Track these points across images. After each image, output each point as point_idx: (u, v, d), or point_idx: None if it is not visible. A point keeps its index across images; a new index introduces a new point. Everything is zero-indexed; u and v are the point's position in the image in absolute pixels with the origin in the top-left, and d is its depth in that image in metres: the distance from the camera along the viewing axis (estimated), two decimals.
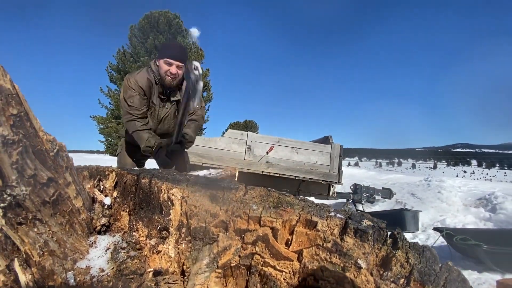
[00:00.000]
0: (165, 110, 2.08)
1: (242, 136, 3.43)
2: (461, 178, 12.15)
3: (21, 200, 0.68)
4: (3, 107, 0.63)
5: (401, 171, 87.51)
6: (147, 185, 0.85)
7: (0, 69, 0.64)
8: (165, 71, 1.95)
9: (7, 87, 0.64)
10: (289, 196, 0.80)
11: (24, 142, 0.67)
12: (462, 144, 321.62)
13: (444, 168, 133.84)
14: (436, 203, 4.55)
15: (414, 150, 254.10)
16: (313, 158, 3.48)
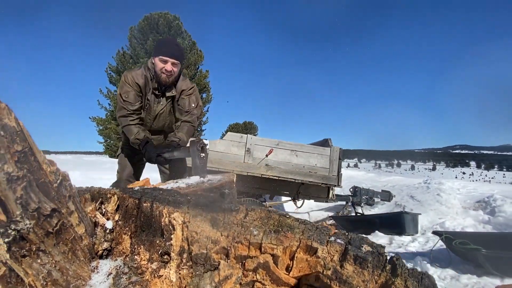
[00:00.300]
0: (160, 107, 2.10)
1: (241, 139, 3.43)
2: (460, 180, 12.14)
3: (25, 234, 0.69)
4: (8, 145, 0.64)
5: (400, 173, 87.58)
6: (148, 208, 0.85)
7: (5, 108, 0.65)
8: (160, 68, 1.97)
9: (12, 125, 0.66)
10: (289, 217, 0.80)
11: (28, 176, 0.69)
12: (461, 146, 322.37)
13: (443, 170, 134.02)
14: (435, 206, 4.55)
15: (413, 151, 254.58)
16: (313, 161, 3.48)
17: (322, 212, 5.18)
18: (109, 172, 4.57)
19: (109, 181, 4.25)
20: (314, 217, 5.08)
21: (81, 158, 5.58)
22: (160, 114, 2.12)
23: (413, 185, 5.70)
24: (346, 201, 4.50)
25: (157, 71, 1.99)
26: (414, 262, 2.65)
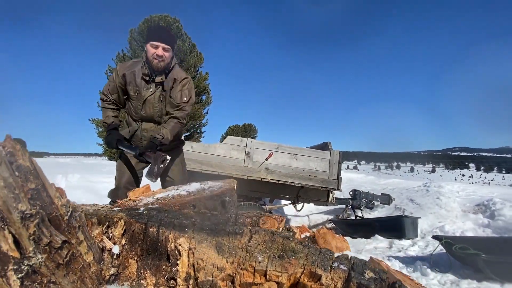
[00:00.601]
0: (149, 92, 2.11)
1: (241, 142, 3.43)
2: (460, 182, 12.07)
3: (37, 268, 0.70)
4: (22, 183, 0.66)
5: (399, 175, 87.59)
6: (155, 233, 0.85)
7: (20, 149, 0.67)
8: (152, 53, 2.00)
9: (26, 165, 0.68)
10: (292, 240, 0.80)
11: (41, 213, 0.71)
12: (460, 148, 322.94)
13: (442, 172, 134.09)
14: (435, 209, 4.55)
15: (412, 153, 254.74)
16: (312, 164, 3.48)
17: (321, 215, 5.17)
18: (108, 175, 4.56)
19: (108, 184, 4.24)
20: (314, 220, 5.07)
21: (80, 161, 5.58)
22: (148, 100, 2.11)
23: (412, 188, 5.70)
24: (346, 204, 4.50)
25: (149, 57, 2.02)
26: (414, 267, 2.64)
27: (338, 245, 2.51)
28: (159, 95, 2.12)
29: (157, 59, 2.01)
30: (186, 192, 1.15)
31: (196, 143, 3.41)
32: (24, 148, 0.67)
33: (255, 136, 33.01)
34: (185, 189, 1.18)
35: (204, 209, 1.02)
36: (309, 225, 4.99)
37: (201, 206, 1.03)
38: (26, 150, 0.68)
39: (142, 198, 1.12)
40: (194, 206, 1.03)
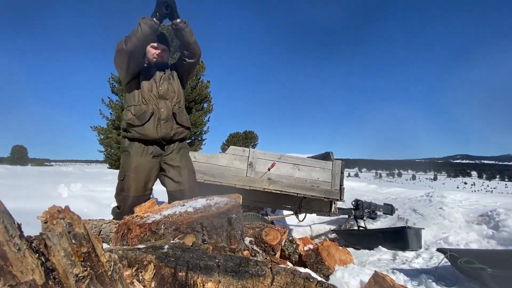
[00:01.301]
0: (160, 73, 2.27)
1: (244, 152, 3.43)
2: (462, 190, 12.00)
3: None
4: (77, 249, 0.70)
5: (401, 183, 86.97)
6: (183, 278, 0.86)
7: (76, 218, 0.72)
8: (152, 54, 2.24)
9: (81, 232, 0.71)
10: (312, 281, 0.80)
11: (91, 273, 0.74)
12: (462, 155, 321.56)
13: (444, 180, 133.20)
14: (438, 220, 4.51)
15: (414, 161, 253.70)
16: (315, 174, 3.48)
17: (324, 226, 5.12)
18: (111, 184, 4.56)
19: (110, 193, 4.24)
20: (316, 231, 5.03)
21: (82, 170, 5.59)
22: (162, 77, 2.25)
23: (415, 198, 5.66)
24: (349, 214, 4.46)
25: (149, 57, 2.24)
26: (419, 280, 2.61)
27: (341, 258, 2.48)
28: (168, 75, 2.31)
29: (157, 58, 2.24)
30: (193, 208, 1.15)
31: (199, 153, 3.42)
32: (80, 217, 0.71)
33: (256, 143, 33.05)
34: (192, 205, 1.18)
35: (211, 227, 1.02)
36: (311, 236, 4.94)
37: (208, 224, 1.03)
38: (80, 218, 0.72)
39: (150, 215, 1.11)
40: (202, 224, 1.03)
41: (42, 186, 3.69)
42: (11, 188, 3.39)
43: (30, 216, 2.74)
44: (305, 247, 2.74)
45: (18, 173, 4.30)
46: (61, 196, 3.57)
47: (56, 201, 3.41)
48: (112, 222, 1.26)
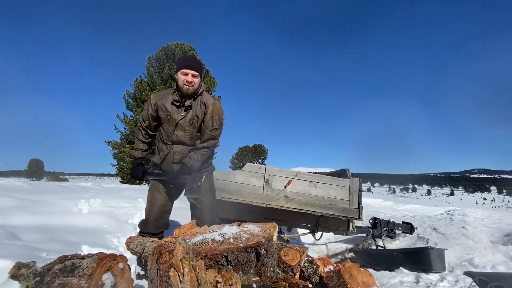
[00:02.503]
0: (180, 116, 2.28)
1: (260, 169, 3.46)
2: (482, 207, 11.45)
3: None
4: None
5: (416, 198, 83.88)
6: None
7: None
8: (182, 80, 2.22)
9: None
10: None
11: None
12: (480, 170, 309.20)
13: (462, 195, 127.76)
14: (461, 240, 4.32)
15: (428, 175, 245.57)
16: (332, 192, 3.44)
17: (340, 244, 4.99)
18: (128, 199, 4.65)
19: (127, 209, 4.32)
20: (332, 250, 4.90)
21: (100, 185, 5.72)
22: (179, 124, 2.27)
23: (435, 216, 5.47)
24: (367, 233, 4.34)
25: (180, 83, 2.24)
26: None
27: (364, 280, 2.39)
28: (190, 119, 2.29)
29: (187, 84, 2.21)
30: (221, 237, 1.15)
31: (216, 170, 3.46)
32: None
33: (266, 156, 32.95)
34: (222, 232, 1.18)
35: (236, 262, 1.02)
36: (327, 255, 4.81)
37: (233, 258, 1.03)
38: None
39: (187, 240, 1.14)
40: (227, 258, 1.03)
41: (63, 201, 3.80)
42: (36, 203, 3.51)
43: (56, 232, 2.81)
44: (325, 268, 2.67)
45: (41, 188, 4.46)
46: (81, 212, 3.66)
47: (77, 217, 3.50)
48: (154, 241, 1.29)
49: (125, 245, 1.36)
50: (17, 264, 1.23)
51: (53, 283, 1.20)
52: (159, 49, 18.99)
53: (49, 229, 2.83)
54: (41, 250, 2.02)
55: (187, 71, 2.21)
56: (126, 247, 1.34)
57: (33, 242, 2.26)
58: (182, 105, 2.27)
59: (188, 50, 18.84)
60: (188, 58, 2.34)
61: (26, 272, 1.18)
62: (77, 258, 1.31)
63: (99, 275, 1.26)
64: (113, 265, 1.35)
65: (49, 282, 1.20)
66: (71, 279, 1.20)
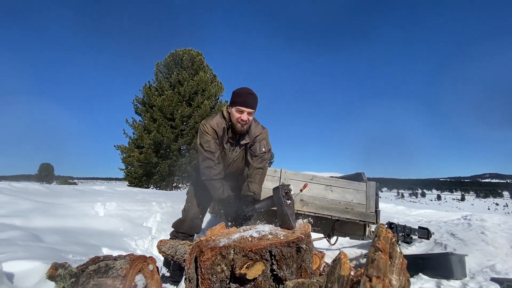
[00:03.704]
0: (235, 154, 2.20)
1: (275, 173, 3.45)
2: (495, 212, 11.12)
3: None
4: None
5: (425, 203, 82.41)
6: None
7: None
8: (236, 118, 2.05)
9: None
10: None
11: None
12: (491, 174, 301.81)
13: (473, 200, 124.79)
14: (480, 246, 4.20)
15: (438, 180, 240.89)
16: (349, 196, 3.40)
17: (354, 249, 4.90)
18: (142, 203, 4.68)
19: (141, 212, 4.34)
20: (347, 255, 4.82)
21: (113, 188, 5.79)
22: (234, 161, 2.20)
23: (451, 221, 5.34)
24: None
25: (234, 120, 2.06)
26: None
27: None
28: (243, 155, 2.22)
29: (241, 123, 2.05)
30: (258, 234, 1.15)
31: None
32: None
33: (272, 161, 32.91)
34: (257, 230, 1.19)
35: (280, 256, 1.02)
36: None
37: (277, 253, 1.03)
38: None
39: (220, 238, 1.14)
40: (271, 253, 1.03)
41: (80, 204, 3.85)
42: (55, 206, 3.56)
43: (75, 234, 2.84)
44: None
45: (58, 192, 4.53)
46: (98, 215, 3.70)
47: (94, 220, 3.54)
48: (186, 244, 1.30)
49: (157, 248, 1.37)
50: (54, 264, 1.24)
51: (88, 283, 1.21)
52: (167, 55, 19.32)
53: (69, 232, 2.86)
54: (65, 252, 2.04)
55: (243, 108, 2.02)
56: (158, 250, 1.35)
57: (56, 244, 2.29)
58: (237, 143, 2.16)
59: (195, 55, 19.11)
60: (245, 94, 2.07)
61: (62, 273, 1.19)
62: (109, 259, 1.32)
63: (132, 276, 1.27)
64: (144, 266, 1.36)
65: (84, 282, 1.21)
66: (105, 280, 1.21)
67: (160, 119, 16.92)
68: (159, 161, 17.11)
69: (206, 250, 1.04)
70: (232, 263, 1.03)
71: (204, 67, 19.22)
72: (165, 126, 16.84)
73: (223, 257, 1.03)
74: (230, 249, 1.04)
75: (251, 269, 0.98)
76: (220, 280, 1.01)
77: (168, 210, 4.61)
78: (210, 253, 1.03)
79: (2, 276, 1.28)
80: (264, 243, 1.04)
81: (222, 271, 1.01)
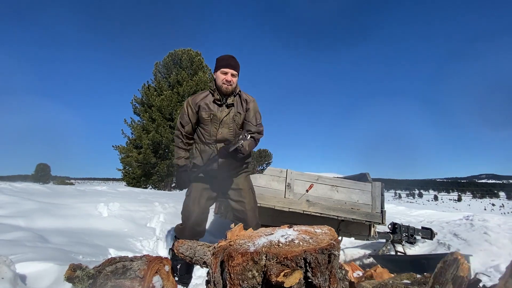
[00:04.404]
0: (224, 113, 2.29)
1: (281, 173, 3.44)
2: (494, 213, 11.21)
3: None
4: None
5: (423, 204, 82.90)
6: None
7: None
8: (222, 79, 2.22)
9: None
10: None
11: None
12: (487, 175, 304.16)
13: (469, 201, 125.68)
14: (484, 246, 4.22)
15: (435, 180, 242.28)
16: (354, 197, 3.40)
17: (358, 250, 4.90)
18: (144, 203, 4.64)
19: (144, 213, 4.31)
20: (350, 255, 4.81)
21: (115, 189, 5.75)
22: (224, 121, 2.28)
23: (453, 222, 5.36)
24: (387, 239, 4.27)
25: (219, 83, 2.24)
26: None
27: None
28: (233, 116, 2.31)
29: (226, 83, 2.22)
30: (284, 239, 1.12)
31: None
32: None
33: (270, 161, 32.89)
34: (282, 234, 1.16)
35: (315, 264, 1.00)
36: (345, 260, 4.73)
37: (312, 260, 1.01)
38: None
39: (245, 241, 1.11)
40: (306, 260, 1.01)
41: (83, 205, 3.81)
42: (58, 207, 3.52)
43: (81, 235, 2.80)
44: (354, 274, 2.62)
45: (60, 192, 4.48)
46: (101, 215, 3.67)
47: (98, 221, 3.50)
48: (205, 245, 1.27)
49: (174, 249, 1.34)
50: (72, 266, 1.22)
51: (106, 285, 1.19)
52: (166, 55, 19.26)
53: (74, 232, 2.83)
54: (74, 253, 2.01)
55: (226, 70, 2.21)
56: (176, 251, 1.33)
57: (63, 245, 2.26)
58: (224, 103, 2.28)
59: (194, 56, 19.07)
60: (227, 58, 2.28)
61: (80, 274, 1.17)
62: (126, 260, 1.30)
63: (150, 278, 1.25)
64: (160, 267, 1.34)
65: (102, 284, 1.19)
66: (123, 281, 1.19)
67: (159, 119, 16.84)
68: (158, 161, 17.02)
69: (236, 255, 1.01)
70: (264, 269, 1.01)
71: (203, 67, 19.18)
72: (164, 126, 16.77)
73: (255, 263, 1.01)
74: (262, 255, 1.01)
75: (289, 277, 0.96)
76: (251, 286, 0.99)
77: (171, 210, 4.57)
78: (240, 258, 1.00)
79: (16, 278, 1.25)
80: (298, 250, 1.02)
81: (254, 277, 0.98)
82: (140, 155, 17.03)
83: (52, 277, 1.37)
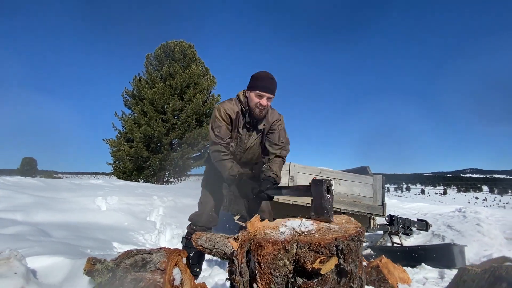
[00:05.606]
0: (252, 140, 2.12)
1: (284, 166, 3.43)
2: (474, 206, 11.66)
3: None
4: None
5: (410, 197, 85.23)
6: None
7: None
8: (255, 103, 1.97)
9: None
10: None
11: None
12: (472, 169, 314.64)
13: (454, 194, 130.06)
14: (477, 237, 4.37)
15: (422, 175, 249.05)
16: (356, 189, 3.44)
17: None
18: (142, 197, 4.57)
19: (143, 206, 4.24)
20: None
21: (111, 182, 5.64)
22: (251, 147, 2.12)
23: (447, 214, 5.52)
24: (385, 230, 4.35)
25: (252, 105, 1.99)
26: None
27: (400, 276, 2.41)
28: (259, 141, 2.14)
29: (259, 108, 1.99)
30: (304, 227, 1.12)
31: None
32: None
33: None
34: (298, 224, 1.15)
35: (348, 251, 1.00)
36: None
37: (345, 247, 1.01)
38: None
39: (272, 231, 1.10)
40: (337, 247, 1.01)
41: (81, 199, 3.72)
42: (54, 200, 3.42)
43: (82, 229, 2.73)
44: None
45: (55, 186, 4.35)
46: (100, 209, 3.59)
47: (97, 214, 3.42)
48: (224, 236, 1.25)
49: (193, 242, 1.32)
50: (91, 259, 1.18)
51: (126, 278, 1.16)
52: (158, 47, 18.80)
53: (75, 226, 2.76)
54: (82, 247, 1.96)
55: (263, 93, 1.96)
56: (194, 244, 1.30)
57: (67, 239, 2.20)
58: (254, 128, 2.08)
59: (187, 48, 18.69)
60: (266, 79, 2.00)
61: (100, 267, 1.13)
62: (144, 253, 1.27)
63: (170, 270, 1.23)
64: (178, 260, 1.32)
65: (122, 277, 1.16)
66: (144, 274, 1.16)
67: (151, 113, 16.51)
68: (150, 155, 16.76)
69: (266, 244, 1.00)
70: (296, 257, 1.00)
71: (196, 60, 18.84)
72: (156, 119, 16.46)
73: (286, 251, 1.00)
74: (293, 243, 1.01)
75: (326, 264, 0.96)
76: (283, 274, 0.98)
77: (170, 204, 4.53)
78: (271, 247, 0.99)
79: (28, 273, 1.20)
80: (330, 237, 1.02)
81: (285, 266, 0.98)
82: (132, 149, 16.71)
83: (65, 271, 1.33)
